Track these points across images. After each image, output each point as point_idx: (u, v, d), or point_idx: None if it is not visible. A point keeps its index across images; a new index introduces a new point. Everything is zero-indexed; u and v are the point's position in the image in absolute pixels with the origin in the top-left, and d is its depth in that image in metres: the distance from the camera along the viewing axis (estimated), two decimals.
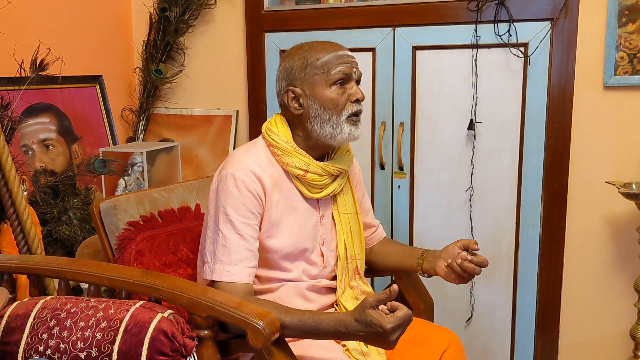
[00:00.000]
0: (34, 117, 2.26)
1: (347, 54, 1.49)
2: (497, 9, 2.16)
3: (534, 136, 2.20)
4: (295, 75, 1.48)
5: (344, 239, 1.60)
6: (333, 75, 1.45)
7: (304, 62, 1.47)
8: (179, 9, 2.61)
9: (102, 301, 1.27)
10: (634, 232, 2.12)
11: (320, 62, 1.46)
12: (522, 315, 2.31)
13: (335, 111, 1.46)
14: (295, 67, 1.48)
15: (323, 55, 1.46)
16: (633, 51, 2.09)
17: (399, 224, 2.41)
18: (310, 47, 1.49)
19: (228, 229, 1.41)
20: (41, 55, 2.07)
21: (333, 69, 1.45)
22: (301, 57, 1.48)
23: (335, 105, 1.46)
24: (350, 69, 1.47)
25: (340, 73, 1.46)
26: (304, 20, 2.43)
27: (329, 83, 1.46)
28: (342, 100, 1.47)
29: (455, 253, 1.55)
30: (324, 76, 1.45)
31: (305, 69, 1.46)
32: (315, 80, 1.46)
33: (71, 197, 2.21)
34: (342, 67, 1.46)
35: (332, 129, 1.47)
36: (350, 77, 1.48)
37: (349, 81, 1.48)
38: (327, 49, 1.47)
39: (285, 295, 1.51)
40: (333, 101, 1.46)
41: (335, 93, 1.46)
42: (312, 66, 1.46)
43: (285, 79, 1.50)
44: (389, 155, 2.37)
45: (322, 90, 1.46)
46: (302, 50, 1.49)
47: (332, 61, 1.46)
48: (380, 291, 1.23)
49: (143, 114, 2.78)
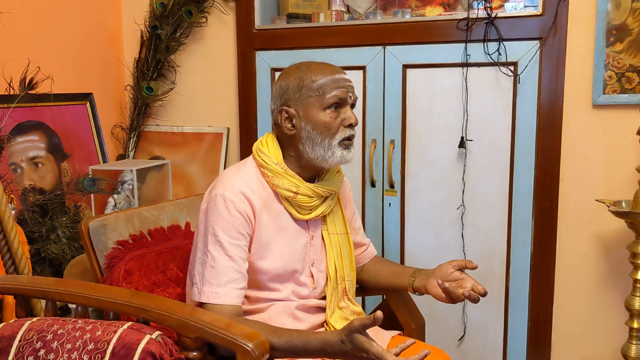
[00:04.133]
0: (23, 134, 2.25)
1: (344, 78, 1.48)
2: (487, 28, 2.18)
3: (524, 154, 2.21)
4: (290, 96, 1.47)
5: (334, 260, 1.59)
6: (328, 99, 1.44)
7: (300, 82, 1.46)
8: (171, 27, 2.61)
9: (89, 322, 1.25)
10: (624, 250, 2.13)
11: (316, 85, 1.45)
12: (514, 334, 2.30)
13: (327, 134, 1.46)
14: (291, 87, 1.47)
15: (319, 78, 1.45)
16: (621, 70, 2.11)
17: (389, 241, 2.40)
18: (307, 68, 1.48)
19: (217, 250, 1.40)
20: (30, 74, 2.06)
21: (328, 93, 1.44)
22: (297, 78, 1.47)
23: (328, 129, 1.45)
24: (346, 93, 1.46)
25: (335, 97, 1.45)
26: (295, 38, 2.44)
27: (323, 106, 1.45)
28: (335, 124, 1.46)
29: (448, 272, 1.54)
30: (318, 99, 1.45)
31: (300, 90, 1.46)
32: (309, 102, 1.45)
33: (60, 215, 2.19)
34: (337, 91, 1.45)
35: (324, 152, 1.46)
36: (345, 101, 1.47)
37: (344, 105, 1.48)
38: (323, 72, 1.46)
39: (274, 315, 1.50)
40: (326, 125, 1.45)
41: (328, 117, 1.45)
42: (308, 88, 1.45)
43: (280, 98, 1.49)
44: (379, 172, 2.37)
45: (316, 112, 1.45)
46: (299, 70, 1.48)
47: (328, 84, 1.45)
48: (366, 316, 1.23)
49: (134, 132, 2.77)
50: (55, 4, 2.42)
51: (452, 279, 1.54)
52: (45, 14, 2.36)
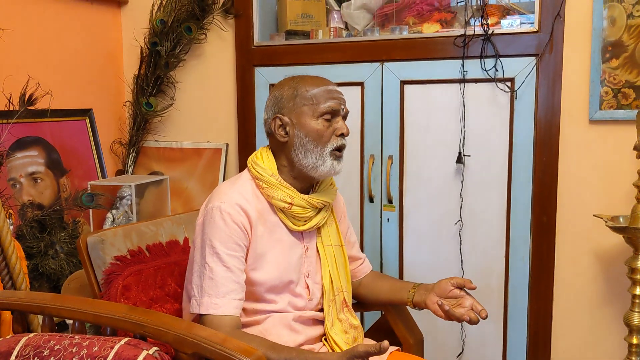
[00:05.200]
0: (22, 150, 2.26)
1: (337, 90, 1.52)
2: (484, 45, 2.20)
3: (521, 169, 2.21)
4: (284, 104, 1.50)
5: (329, 271, 1.60)
6: (321, 108, 1.48)
7: (294, 92, 1.49)
8: (170, 44, 2.63)
9: (86, 338, 1.25)
10: (622, 266, 2.13)
11: (310, 94, 1.48)
12: (512, 350, 2.29)
13: (319, 142, 1.48)
14: (285, 96, 1.50)
15: (313, 88, 1.49)
16: (617, 86, 2.13)
17: (388, 256, 2.40)
18: (301, 79, 1.52)
19: (215, 262, 1.41)
20: (30, 90, 2.07)
21: (322, 103, 1.48)
22: (291, 87, 1.51)
23: (320, 137, 1.48)
24: (339, 105, 1.50)
25: (329, 107, 1.48)
26: (294, 55, 2.46)
27: (317, 115, 1.48)
28: (327, 133, 1.49)
29: (447, 290, 1.54)
30: (312, 107, 1.48)
31: (294, 98, 1.49)
32: (303, 110, 1.48)
33: (58, 230, 2.19)
34: (331, 102, 1.48)
35: (315, 160, 1.48)
36: (338, 112, 1.50)
37: (336, 116, 1.51)
38: (317, 83, 1.51)
39: (271, 327, 1.50)
40: (319, 132, 1.48)
41: (321, 125, 1.48)
42: (302, 97, 1.48)
43: (274, 107, 1.52)
44: (378, 188, 2.38)
45: (309, 120, 1.48)
46: (293, 81, 1.52)
47: (321, 95, 1.48)
48: (372, 344, 1.23)
49: (133, 147, 2.78)
50: (56, 20, 2.44)
51: (451, 297, 1.54)
52: (45, 30, 2.39)
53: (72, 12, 2.52)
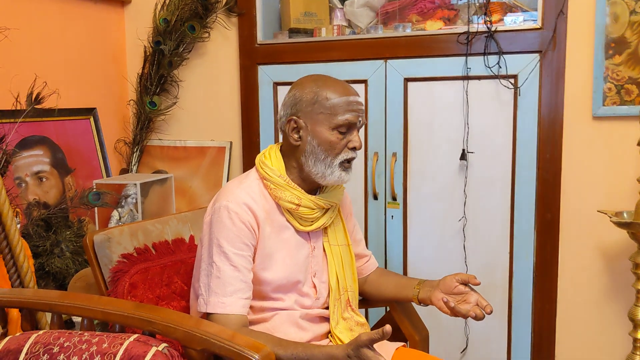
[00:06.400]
0: (27, 149, 2.27)
1: (357, 101, 1.49)
2: (487, 42, 2.20)
3: (525, 166, 2.22)
4: (301, 107, 1.48)
5: (336, 271, 1.60)
6: (338, 120, 1.46)
7: (314, 97, 1.47)
8: (173, 43, 2.64)
9: (95, 335, 1.26)
10: (626, 261, 2.13)
11: (329, 103, 1.46)
12: (517, 346, 2.29)
13: (330, 153, 1.47)
14: (304, 100, 1.48)
15: (334, 97, 1.46)
16: (620, 82, 2.13)
17: (392, 253, 2.41)
18: (324, 83, 1.49)
19: (222, 261, 1.42)
20: (37, 89, 2.08)
21: (340, 115, 1.45)
22: (312, 92, 1.48)
23: (332, 148, 1.47)
24: (356, 117, 1.48)
25: (345, 120, 1.46)
26: (297, 53, 2.46)
27: (332, 126, 1.46)
28: (340, 145, 1.48)
29: (452, 286, 1.55)
30: (329, 117, 1.46)
31: (313, 104, 1.47)
32: (319, 118, 1.46)
33: (64, 229, 2.20)
34: (349, 115, 1.46)
35: (324, 169, 1.48)
36: (355, 125, 1.49)
37: (352, 129, 1.49)
38: (339, 91, 1.47)
39: (279, 324, 1.51)
40: (332, 144, 1.47)
41: (335, 136, 1.47)
42: (320, 104, 1.46)
43: (292, 107, 1.50)
44: (382, 185, 2.38)
45: (324, 130, 1.46)
46: (316, 84, 1.49)
47: (340, 105, 1.46)
48: (374, 330, 1.24)
49: (137, 146, 2.79)
50: (59, 19, 2.45)
51: (456, 293, 1.55)
52: (48, 29, 2.39)
53: (75, 12, 2.53)
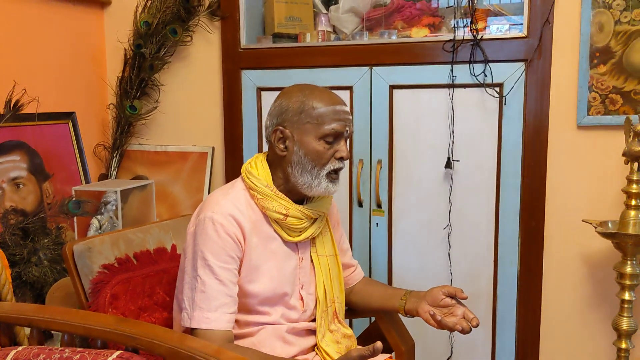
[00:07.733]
0: (3, 155, 2.20)
1: (344, 110, 1.47)
2: (473, 50, 2.20)
3: (510, 174, 2.22)
4: (288, 117, 1.45)
5: (323, 282, 1.58)
6: (325, 129, 1.43)
7: (300, 106, 1.44)
8: (155, 46, 2.59)
9: (77, 351, 1.22)
10: (611, 270, 2.14)
11: (316, 113, 1.43)
12: (501, 354, 2.29)
13: (317, 163, 1.45)
14: (291, 109, 1.45)
15: (320, 107, 1.44)
16: (605, 92, 2.14)
17: (377, 261, 2.39)
18: (310, 92, 1.46)
19: (207, 274, 1.38)
20: (16, 96, 2.03)
21: (327, 124, 1.43)
22: (299, 101, 1.45)
23: (319, 158, 1.45)
24: (344, 127, 1.46)
25: (332, 130, 1.44)
26: (281, 58, 2.44)
27: (319, 136, 1.44)
28: (327, 155, 1.45)
29: (439, 298, 1.53)
30: (316, 127, 1.44)
31: (299, 114, 1.44)
32: (306, 128, 1.44)
33: (41, 237, 2.14)
34: (335, 124, 1.44)
35: (311, 180, 1.45)
36: (342, 135, 1.47)
37: (339, 138, 1.47)
38: (326, 101, 1.45)
39: (264, 339, 1.48)
40: (318, 154, 1.44)
41: (322, 146, 1.44)
42: (307, 114, 1.44)
43: (278, 117, 1.47)
44: (367, 192, 2.37)
45: (310, 140, 1.44)
46: (302, 94, 1.46)
47: (327, 115, 1.43)
48: (365, 347, 1.22)
49: (116, 151, 2.73)
50: (38, 21, 2.38)
51: (442, 305, 1.53)
52: (25, 32, 2.33)
53: (52, 13, 2.47)
